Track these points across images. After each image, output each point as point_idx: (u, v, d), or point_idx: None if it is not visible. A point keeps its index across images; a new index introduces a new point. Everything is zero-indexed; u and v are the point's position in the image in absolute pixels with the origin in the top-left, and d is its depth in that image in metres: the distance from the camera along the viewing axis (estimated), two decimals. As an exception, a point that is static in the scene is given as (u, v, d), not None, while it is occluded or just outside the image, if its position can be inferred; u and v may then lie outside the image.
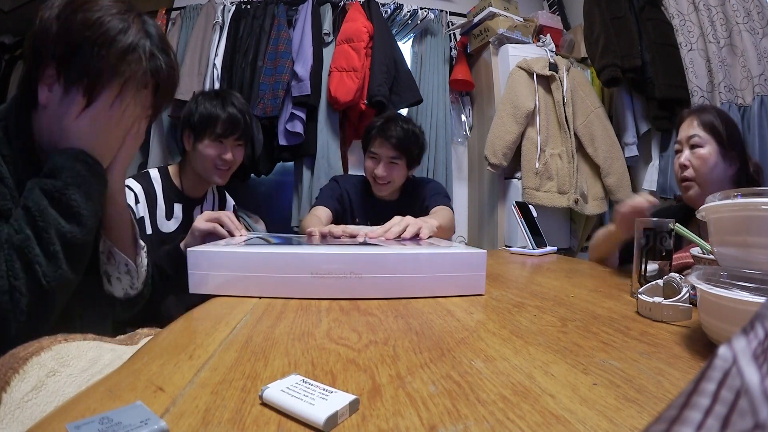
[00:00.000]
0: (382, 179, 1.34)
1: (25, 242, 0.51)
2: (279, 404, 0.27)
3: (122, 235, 0.68)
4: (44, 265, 0.52)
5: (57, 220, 0.53)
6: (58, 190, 0.54)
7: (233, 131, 1.10)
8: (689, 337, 0.44)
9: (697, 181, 0.98)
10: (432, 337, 0.43)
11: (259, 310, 0.51)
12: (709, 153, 0.96)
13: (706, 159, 0.96)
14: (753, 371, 0.12)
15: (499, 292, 0.65)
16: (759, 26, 1.69)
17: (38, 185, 0.54)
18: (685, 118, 1.03)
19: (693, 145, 0.99)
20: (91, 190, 0.58)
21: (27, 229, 0.52)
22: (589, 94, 2.15)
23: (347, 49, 2.03)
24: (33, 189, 0.54)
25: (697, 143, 0.98)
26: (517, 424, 0.26)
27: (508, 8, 2.30)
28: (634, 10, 1.99)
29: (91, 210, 0.57)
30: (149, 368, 0.33)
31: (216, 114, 1.08)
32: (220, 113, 1.08)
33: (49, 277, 0.52)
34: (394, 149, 1.31)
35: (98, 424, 0.24)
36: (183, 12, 2.28)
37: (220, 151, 1.10)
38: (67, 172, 0.55)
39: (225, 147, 1.11)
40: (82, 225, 0.56)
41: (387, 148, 1.31)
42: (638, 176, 2.22)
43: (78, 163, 0.57)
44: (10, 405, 0.33)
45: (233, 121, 1.09)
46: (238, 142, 1.14)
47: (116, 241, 0.67)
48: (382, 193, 1.38)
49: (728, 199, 0.44)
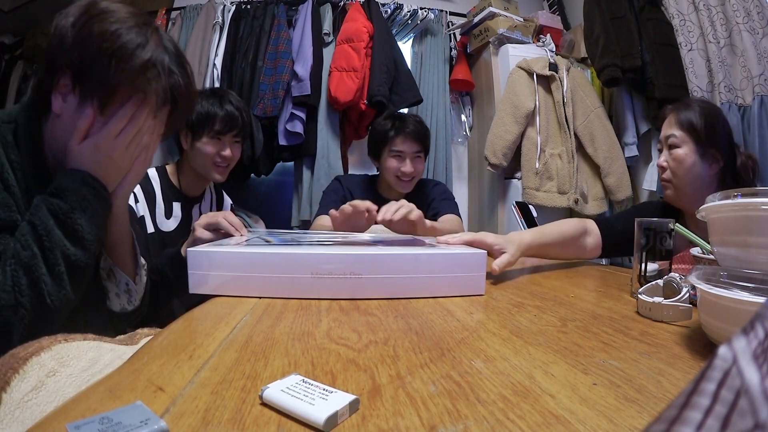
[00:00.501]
0: (409, 175, 1.35)
1: (32, 260, 0.51)
2: (279, 404, 0.27)
3: (123, 254, 0.68)
4: (49, 284, 0.52)
5: (62, 241, 0.53)
6: (63, 212, 0.54)
7: (231, 128, 1.12)
8: (689, 337, 0.44)
9: (673, 182, 0.96)
10: (432, 337, 0.43)
11: (259, 310, 0.51)
12: (685, 153, 0.94)
13: (682, 160, 0.94)
14: (753, 371, 0.12)
15: (499, 292, 0.65)
16: (759, 26, 1.69)
17: (45, 204, 0.54)
18: (666, 116, 1.00)
19: (670, 146, 0.96)
20: (95, 214, 0.57)
21: (34, 247, 0.51)
22: (589, 94, 2.15)
23: (347, 49, 2.03)
24: (40, 207, 0.54)
25: (674, 143, 0.95)
26: (517, 424, 0.26)
27: (508, 8, 2.30)
28: (634, 10, 1.99)
29: (94, 235, 0.57)
30: (149, 368, 0.33)
31: (214, 112, 1.09)
32: (218, 111, 1.10)
33: (54, 297, 0.52)
34: (417, 143, 1.35)
35: (98, 424, 0.24)
36: (183, 12, 2.28)
37: (218, 148, 1.11)
38: (73, 195, 0.55)
39: (223, 144, 1.12)
40: (86, 249, 0.56)
41: (411, 143, 1.34)
42: (638, 176, 2.22)
43: (84, 186, 0.56)
44: (10, 405, 0.33)
45: (231, 118, 1.11)
46: (236, 139, 1.15)
47: (117, 260, 0.67)
48: (407, 189, 1.40)
49: (728, 199, 0.44)
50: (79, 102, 0.56)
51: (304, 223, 2.12)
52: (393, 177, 1.38)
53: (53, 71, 0.56)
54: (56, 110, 0.57)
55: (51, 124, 0.59)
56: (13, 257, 0.51)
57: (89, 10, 0.55)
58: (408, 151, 1.34)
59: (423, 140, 1.36)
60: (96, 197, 0.57)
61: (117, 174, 0.61)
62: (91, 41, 0.54)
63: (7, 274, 0.50)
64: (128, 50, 0.55)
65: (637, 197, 2.25)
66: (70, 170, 0.57)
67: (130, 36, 0.55)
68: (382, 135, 1.37)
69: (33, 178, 0.58)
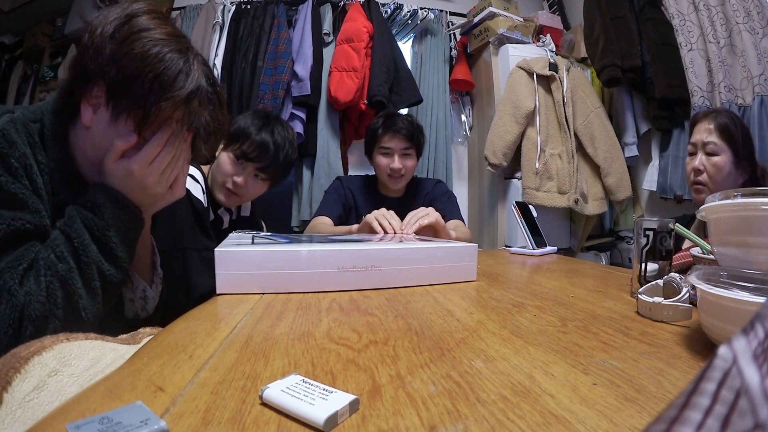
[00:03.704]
0: (398, 172, 1.36)
1: (69, 273, 0.50)
2: (279, 404, 0.27)
3: (144, 263, 0.68)
4: (85, 298, 0.51)
5: (98, 257, 0.53)
6: (99, 228, 0.53)
7: (256, 158, 0.99)
8: (689, 337, 0.44)
9: (709, 187, 0.99)
10: (432, 337, 0.43)
11: (259, 310, 0.51)
12: (724, 162, 0.97)
13: (720, 168, 0.97)
14: (753, 371, 0.12)
15: (499, 292, 0.65)
16: (759, 26, 1.68)
17: (79, 216, 0.53)
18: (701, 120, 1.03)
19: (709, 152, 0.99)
20: (129, 235, 0.57)
21: (71, 260, 0.51)
22: (589, 94, 2.15)
23: (347, 49, 2.03)
24: (74, 218, 0.53)
25: (713, 151, 0.99)
26: (517, 424, 0.26)
27: (508, 8, 2.31)
28: (634, 10, 1.99)
29: (127, 254, 0.57)
30: (149, 368, 0.33)
31: (249, 132, 0.99)
32: (253, 133, 0.99)
33: (88, 311, 0.52)
34: (405, 140, 1.35)
35: (98, 424, 0.24)
36: (183, 12, 2.28)
37: (234, 171, 1.00)
38: (109, 213, 0.54)
39: (242, 169, 1.00)
40: (119, 267, 0.56)
41: (398, 139, 1.35)
42: (638, 176, 2.23)
43: (119, 207, 0.55)
44: (11, 405, 0.33)
45: (260, 148, 0.98)
46: (259, 174, 1.02)
47: (137, 267, 0.67)
48: (398, 186, 1.41)
49: (728, 199, 0.44)
50: (111, 118, 0.54)
51: (304, 223, 2.12)
52: (384, 174, 1.39)
53: (86, 80, 0.54)
54: (86, 122, 0.56)
55: (79, 132, 0.58)
56: (49, 268, 0.49)
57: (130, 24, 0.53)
58: (396, 147, 1.35)
59: (411, 137, 1.36)
60: (130, 219, 0.57)
61: (151, 198, 0.60)
62: (131, 60, 0.52)
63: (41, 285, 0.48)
64: (171, 77, 0.53)
65: (637, 197, 2.25)
66: (106, 187, 0.56)
67: (173, 62, 0.54)
68: (372, 133, 1.39)
69: (60, 181, 0.56)
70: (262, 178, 1.03)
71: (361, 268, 0.64)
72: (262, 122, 1.01)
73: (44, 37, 2.72)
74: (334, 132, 2.12)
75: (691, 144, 1.04)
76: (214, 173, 1.04)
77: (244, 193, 1.02)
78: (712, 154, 0.99)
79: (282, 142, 1.01)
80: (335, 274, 0.62)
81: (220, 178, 1.01)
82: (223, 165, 1.00)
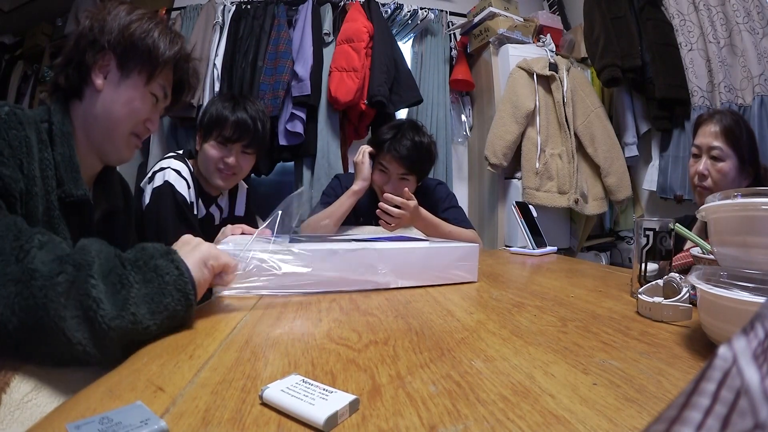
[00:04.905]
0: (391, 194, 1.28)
1: None
2: (279, 404, 0.27)
3: None
4: None
5: None
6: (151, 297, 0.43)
7: (240, 137, 1.06)
8: (689, 337, 0.44)
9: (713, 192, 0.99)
10: (432, 337, 0.43)
11: (259, 310, 0.51)
12: (729, 168, 0.97)
13: (726, 173, 0.97)
14: (753, 371, 0.12)
15: (499, 292, 0.65)
16: (759, 26, 1.68)
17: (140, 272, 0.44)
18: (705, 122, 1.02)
19: (714, 157, 0.99)
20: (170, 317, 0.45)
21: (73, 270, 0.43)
22: (589, 94, 2.15)
23: (347, 49, 2.03)
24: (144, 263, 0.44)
25: (718, 156, 0.98)
26: (517, 424, 0.26)
27: (508, 8, 2.30)
28: (634, 10, 1.99)
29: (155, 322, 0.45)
30: (149, 368, 0.33)
31: (225, 116, 1.05)
32: (229, 116, 1.05)
33: None
34: (404, 167, 1.25)
35: (98, 424, 0.24)
36: (183, 12, 2.28)
37: (223, 154, 1.06)
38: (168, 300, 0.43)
39: (229, 151, 1.07)
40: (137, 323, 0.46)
41: (397, 165, 1.24)
42: (638, 176, 2.22)
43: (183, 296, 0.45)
44: (9, 406, 0.33)
45: (241, 126, 1.05)
46: (246, 150, 1.09)
47: None
48: None
49: (728, 199, 0.44)
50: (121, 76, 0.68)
51: (303, 223, 2.12)
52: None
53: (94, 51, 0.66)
54: (99, 86, 0.67)
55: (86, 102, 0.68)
56: None
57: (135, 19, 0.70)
58: (393, 171, 1.26)
59: (414, 165, 1.25)
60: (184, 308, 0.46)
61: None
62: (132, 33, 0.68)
63: None
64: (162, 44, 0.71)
65: (637, 197, 2.25)
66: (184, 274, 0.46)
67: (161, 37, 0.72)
68: (377, 141, 1.30)
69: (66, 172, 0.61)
70: (249, 152, 1.11)
71: (361, 268, 0.64)
72: (232, 103, 1.08)
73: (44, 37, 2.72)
74: (334, 132, 2.12)
75: (695, 146, 1.03)
76: (202, 164, 1.09)
77: (239, 171, 1.10)
78: (717, 159, 0.98)
79: (257, 115, 1.09)
80: (335, 274, 0.62)
81: (211, 165, 1.07)
82: (209, 154, 1.06)
